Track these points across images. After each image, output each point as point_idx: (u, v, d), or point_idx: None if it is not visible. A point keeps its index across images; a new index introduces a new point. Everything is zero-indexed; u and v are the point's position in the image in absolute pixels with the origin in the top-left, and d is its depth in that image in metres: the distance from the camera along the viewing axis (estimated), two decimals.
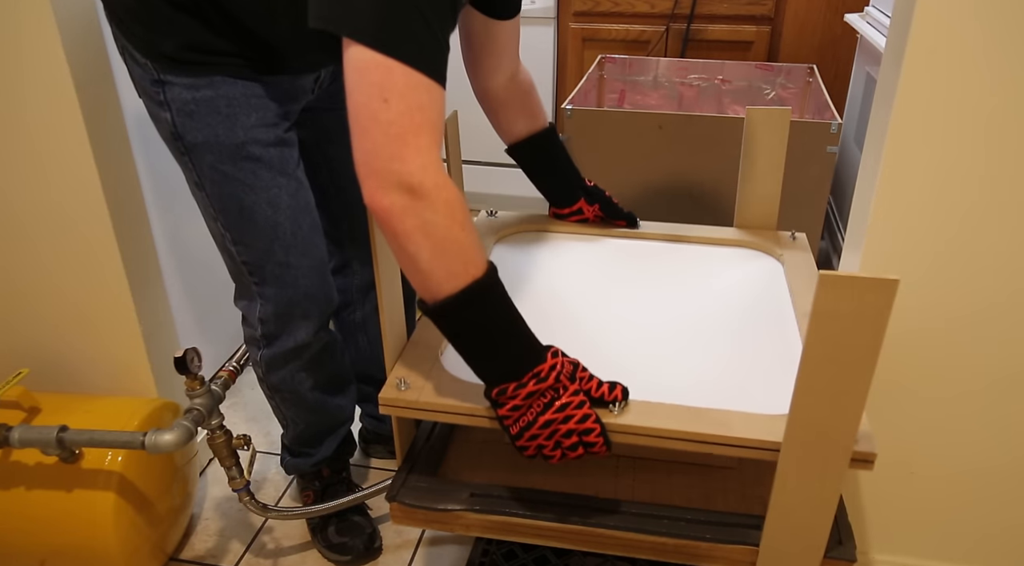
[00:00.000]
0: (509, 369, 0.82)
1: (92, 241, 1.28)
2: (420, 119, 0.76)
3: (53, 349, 1.39)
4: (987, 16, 0.91)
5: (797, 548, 0.85)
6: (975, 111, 0.96)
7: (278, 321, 1.18)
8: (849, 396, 0.74)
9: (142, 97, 1.08)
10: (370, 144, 0.76)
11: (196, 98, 1.02)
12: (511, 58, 1.19)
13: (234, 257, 1.15)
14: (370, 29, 0.76)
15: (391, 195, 0.76)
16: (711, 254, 1.24)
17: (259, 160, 1.07)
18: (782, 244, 1.24)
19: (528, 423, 0.82)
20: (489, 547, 1.24)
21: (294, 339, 1.20)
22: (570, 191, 1.29)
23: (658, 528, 0.88)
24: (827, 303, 0.70)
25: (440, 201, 0.77)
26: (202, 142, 1.05)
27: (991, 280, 1.05)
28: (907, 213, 1.03)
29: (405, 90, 0.76)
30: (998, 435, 1.15)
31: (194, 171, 1.08)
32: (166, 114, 1.04)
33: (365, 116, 0.76)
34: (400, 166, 0.76)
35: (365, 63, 0.76)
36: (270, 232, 1.11)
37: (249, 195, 1.08)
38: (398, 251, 0.80)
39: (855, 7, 2.30)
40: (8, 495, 1.21)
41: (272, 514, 1.33)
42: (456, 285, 0.79)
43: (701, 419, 0.84)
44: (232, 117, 1.04)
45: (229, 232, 1.12)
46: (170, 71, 1.02)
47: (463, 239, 0.79)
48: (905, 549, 1.26)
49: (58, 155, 1.22)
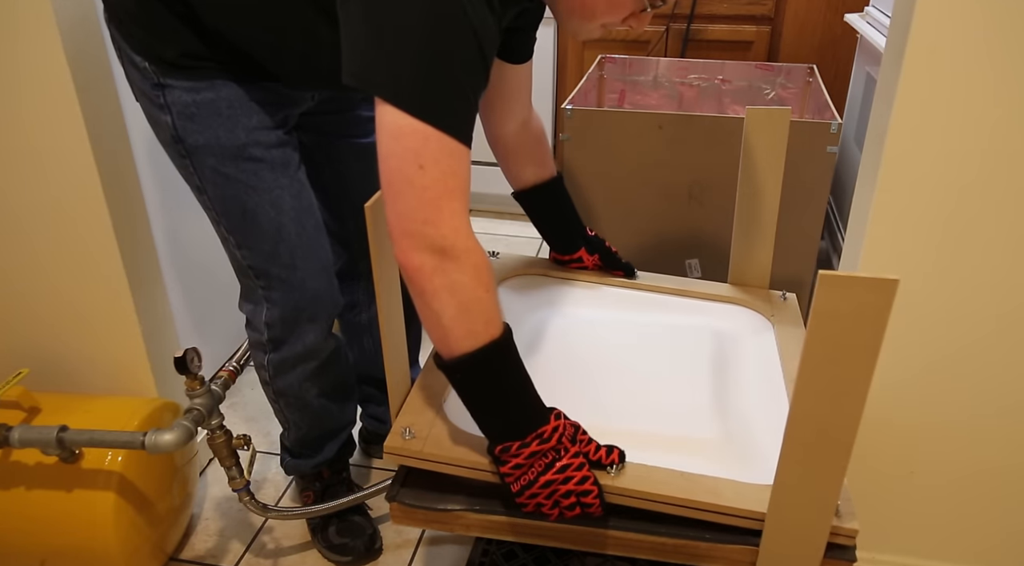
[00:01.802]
0: (514, 428, 0.84)
1: (92, 241, 1.28)
2: (453, 184, 0.79)
3: (53, 349, 1.39)
4: (987, 16, 0.91)
5: (797, 548, 0.85)
6: (975, 111, 0.96)
7: (285, 325, 1.18)
8: (849, 396, 0.74)
9: (140, 100, 1.07)
10: (404, 207, 0.79)
11: (197, 101, 1.02)
12: (523, 103, 1.18)
13: (239, 261, 1.15)
14: (407, 95, 0.77)
15: (422, 255, 0.79)
16: (704, 310, 1.26)
17: (261, 161, 1.07)
18: (773, 304, 1.26)
19: (529, 482, 0.84)
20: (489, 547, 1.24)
21: (303, 343, 1.19)
22: (572, 240, 1.30)
23: (658, 528, 0.88)
24: (827, 303, 0.70)
25: (468, 264, 0.80)
26: (203, 145, 1.04)
27: (991, 279, 1.05)
28: (907, 213, 1.03)
29: (439, 156, 0.78)
30: (998, 435, 1.15)
31: (195, 174, 1.08)
32: (166, 117, 1.04)
33: (400, 180, 0.78)
34: (433, 230, 0.79)
35: (400, 129, 0.77)
36: (274, 234, 1.10)
37: (252, 197, 1.08)
38: (423, 307, 0.82)
39: (855, 7, 2.30)
40: (8, 495, 1.21)
41: (272, 514, 1.33)
42: (474, 344, 0.82)
43: (693, 486, 0.87)
44: (233, 118, 1.04)
45: (233, 235, 1.12)
46: (170, 75, 1.02)
47: (486, 301, 0.82)
48: (905, 549, 1.26)
49: (58, 155, 1.22)
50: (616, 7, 0.89)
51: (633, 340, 1.17)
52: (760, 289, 1.30)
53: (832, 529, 0.84)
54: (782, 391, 1.06)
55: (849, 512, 0.86)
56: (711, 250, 1.75)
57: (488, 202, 2.66)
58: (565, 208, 1.27)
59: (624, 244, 1.77)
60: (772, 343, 1.17)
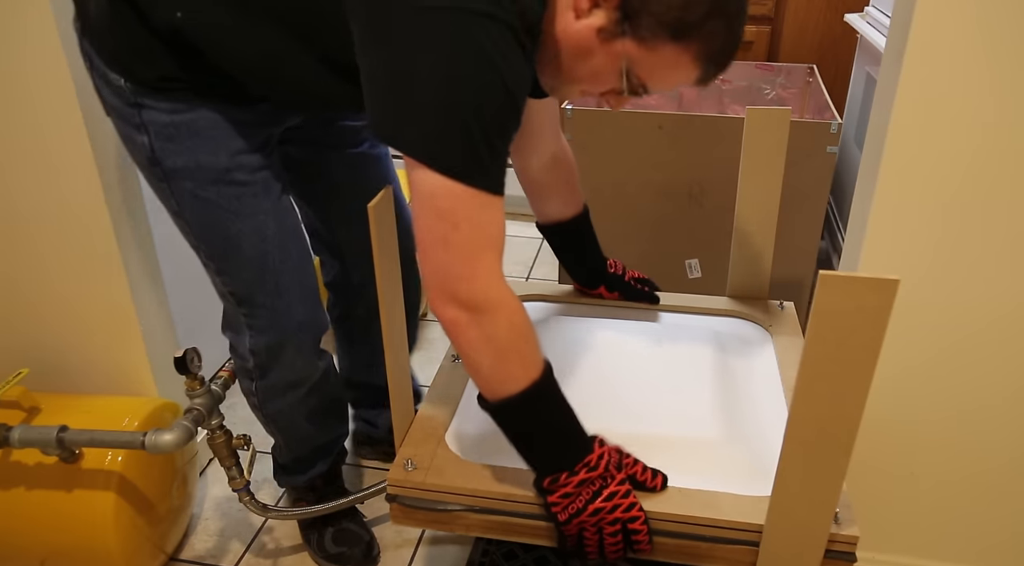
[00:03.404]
0: (562, 460, 0.86)
1: (92, 242, 1.28)
2: (487, 238, 0.81)
3: (53, 349, 1.39)
4: (987, 16, 0.91)
5: (797, 548, 0.85)
6: (975, 111, 0.96)
7: (270, 353, 1.14)
8: (849, 396, 0.74)
9: (112, 118, 1.02)
10: (439, 265, 0.80)
11: (176, 121, 0.97)
12: (549, 138, 1.16)
13: (220, 287, 1.11)
14: (437, 154, 0.77)
15: (457, 311, 0.81)
16: (701, 323, 1.26)
17: (244, 185, 1.02)
18: (771, 314, 1.27)
19: (578, 510, 0.86)
20: (489, 547, 1.24)
21: (291, 369, 1.17)
22: (592, 278, 1.30)
23: (658, 528, 0.88)
24: (827, 303, 0.70)
25: (503, 316, 0.82)
26: (182, 167, 0.99)
27: (991, 279, 1.05)
28: (907, 213, 1.03)
29: (472, 212, 0.79)
30: (999, 435, 1.15)
31: (172, 198, 1.02)
32: (143, 138, 0.98)
33: (435, 240, 0.80)
34: (468, 286, 0.80)
35: (433, 189, 0.78)
36: (258, 261, 1.06)
37: (234, 223, 1.03)
38: (463, 356, 0.84)
39: (855, 7, 2.30)
40: (8, 495, 1.21)
41: (272, 514, 1.33)
42: (515, 388, 0.84)
43: (691, 502, 0.89)
44: (215, 140, 0.99)
45: (213, 262, 1.07)
46: (147, 95, 0.96)
47: (523, 348, 0.84)
48: (905, 549, 1.26)
49: (58, 155, 1.22)
50: (597, 79, 0.86)
51: (631, 353, 1.17)
52: (758, 300, 1.31)
53: (831, 536, 0.84)
54: (781, 400, 1.07)
55: (849, 518, 0.86)
56: (711, 250, 1.75)
57: None
58: (587, 246, 1.26)
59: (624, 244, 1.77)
60: (771, 353, 1.19)
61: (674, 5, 0.77)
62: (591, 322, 1.25)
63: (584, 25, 0.82)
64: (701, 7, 0.78)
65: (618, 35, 0.81)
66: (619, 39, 0.81)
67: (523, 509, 0.92)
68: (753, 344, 1.22)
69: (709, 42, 0.80)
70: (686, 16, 0.78)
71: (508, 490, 0.92)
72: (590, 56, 0.83)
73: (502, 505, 0.92)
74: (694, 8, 0.77)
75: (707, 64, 0.83)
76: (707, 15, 0.78)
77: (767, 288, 1.30)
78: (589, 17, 0.81)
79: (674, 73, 0.83)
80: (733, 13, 0.80)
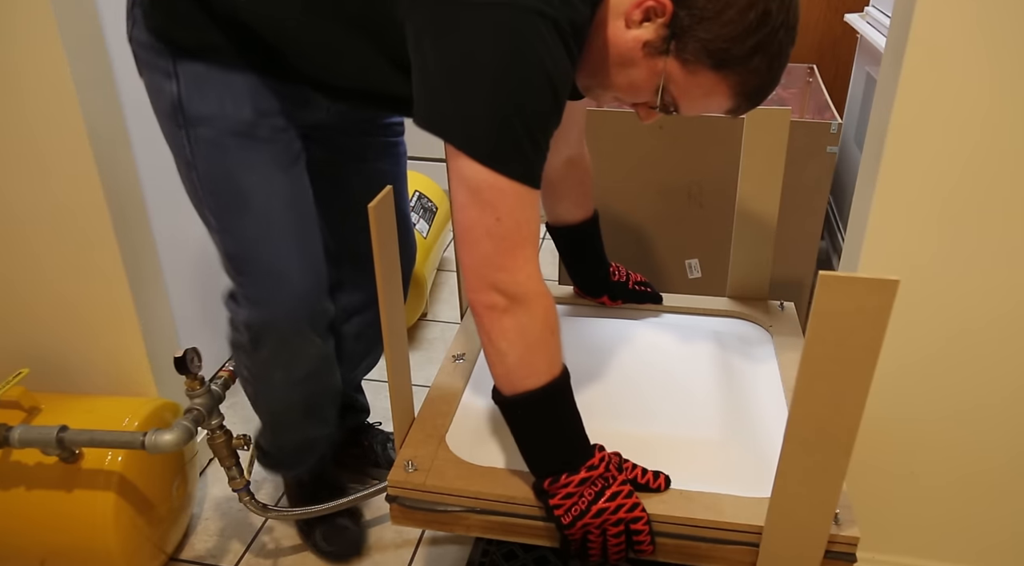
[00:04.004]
0: (566, 461, 0.87)
1: (92, 241, 1.28)
2: (527, 232, 0.82)
3: (53, 349, 1.39)
4: (987, 16, 0.91)
5: (797, 549, 0.85)
6: (975, 111, 0.96)
7: (265, 327, 1.09)
8: (849, 397, 0.74)
9: (144, 71, 1.01)
10: (480, 255, 0.82)
11: (210, 72, 0.97)
12: (571, 140, 1.17)
13: (220, 249, 1.07)
14: (484, 147, 0.78)
15: (494, 297, 0.83)
16: (702, 324, 1.26)
17: (265, 141, 1.01)
18: (771, 315, 1.28)
19: (581, 511, 0.86)
20: (489, 547, 1.24)
21: (286, 349, 1.12)
22: (596, 286, 1.30)
23: (658, 529, 0.88)
24: (827, 303, 0.70)
25: (539, 308, 0.84)
26: (206, 115, 0.98)
27: (991, 279, 1.05)
28: (907, 213, 1.03)
29: (515, 207, 0.81)
30: (1000, 436, 1.15)
31: (187, 147, 1.00)
32: (171, 85, 0.98)
33: (478, 231, 0.81)
34: (508, 276, 0.82)
35: (477, 181, 0.79)
36: (263, 220, 1.03)
37: (247, 176, 1.01)
38: (488, 344, 0.85)
39: (855, 7, 2.30)
40: (8, 495, 1.21)
41: (272, 514, 1.33)
42: (536, 383, 0.85)
43: (692, 504, 0.89)
44: (244, 95, 0.98)
45: (218, 218, 1.04)
46: (185, 56, 0.97)
47: (551, 343, 0.86)
48: (906, 549, 1.26)
49: (58, 154, 1.22)
50: (633, 90, 0.88)
51: (631, 354, 1.17)
52: (758, 300, 1.31)
53: (831, 536, 0.84)
54: (781, 400, 1.07)
55: (849, 519, 0.86)
56: (710, 250, 1.76)
57: None
58: (593, 253, 1.26)
59: (624, 244, 1.77)
60: (771, 354, 1.19)
61: (722, 36, 0.79)
62: (591, 323, 1.25)
63: (632, 36, 0.83)
64: (748, 42, 0.79)
65: (662, 52, 0.82)
66: (662, 56, 0.82)
67: (524, 510, 0.92)
68: (753, 345, 1.22)
69: (749, 78, 0.82)
70: (732, 49, 0.79)
71: (509, 492, 0.92)
72: (631, 67, 0.85)
73: (503, 506, 0.92)
74: (741, 42, 0.79)
75: (742, 98, 0.85)
76: (752, 51, 0.80)
77: (767, 288, 1.30)
78: (639, 29, 0.83)
79: (708, 100, 0.85)
80: (776, 53, 0.82)
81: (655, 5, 0.80)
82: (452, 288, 2.24)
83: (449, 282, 2.27)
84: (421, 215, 2.03)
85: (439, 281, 2.26)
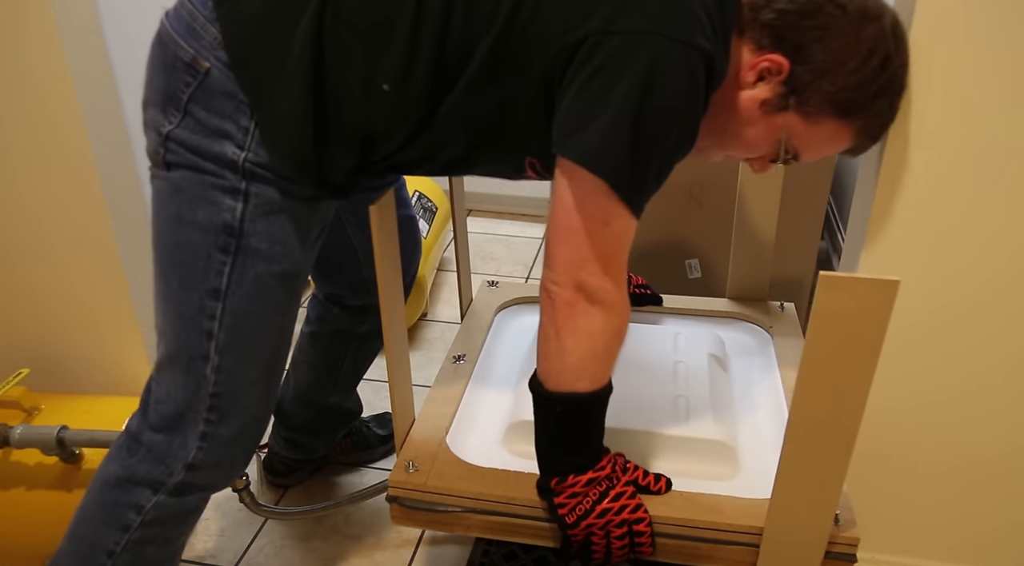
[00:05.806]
0: (579, 463, 0.87)
1: (92, 241, 1.28)
2: (624, 244, 0.83)
3: (53, 349, 1.39)
4: (987, 16, 0.91)
5: (797, 550, 0.85)
6: (975, 110, 0.96)
7: (215, 466, 0.97)
8: (850, 397, 0.74)
9: (178, 168, 0.85)
10: (578, 253, 0.81)
11: (285, 203, 0.86)
12: None
13: (204, 388, 0.92)
14: (622, 178, 0.78)
15: (578, 296, 0.82)
16: (703, 325, 1.27)
17: (297, 278, 0.94)
18: (772, 315, 1.28)
19: (586, 511, 0.86)
20: (489, 547, 1.24)
21: (199, 511, 1.03)
22: None
23: (658, 530, 0.88)
24: (827, 303, 0.70)
25: (616, 318, 0.84)
26: (265, 250, 0.87)
27: (991, 278, 1.05)
28: (907, 213, 1.03)
29: (621, 222, 0.80)
30: (1000, 435, 1.15)
31: (225, 277, 0.87)
32: (234, 203, 0.85)
33: (581, 232, 0.80)
34: (599, 281, 0.82)
35: (595, 190, 0.78)
36: (269, 365, 0.96)
37: (273, 318, 0.93)
38: (554, 338, 0.84)
39: None
40: (9, 495, 1.21)
41: (272, 514, 1.33)
42: (588, 387, 0.85)
43: (693, 505, 0.89)
44: (305, 230, 0.91)
45: (221, 354, 0.91)
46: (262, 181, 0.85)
47: (613, 354, 0.87)
48: (905, 549, 1.26)
49: (58, 155, 1.22)
50: (752, 147, 0.88)
51: (631, 355, 1.16)
52: (758, 301, 1.31)
53: (832, 537, 0.85)
54: (781, 401, 1.07)
55: (849, 520, 0.86)
56: (711, 250, 1.75)
57: (488, 202, 2.66)
58: None
59: None
60: (771, 354, 1.19)
61: (847, 86, 0.79)
62: None
63: (748, 96, 0.83)
64: (872, 87, 0.80)
65: (781, 109, 0.82)
66: (782, 113, 0.83)
67: (524, 511, 0.92)
68: (754, 346, 1.22)
69: (873, 119, 0.83)
70: (858, 97, 0.80)
71: (509, 492, 0.92)
72: (749, 126, 0.85)
73: (503, 507, 0.92)
74: (865, 89, 0.80)
75: (865, 138, 0.86)
76: (876, 95, 0.81)
77: (767, 288, 1.30)
78: (753, 89, 0.83)
79: (831, 145, 0.86)
80: (897, 92, 0.83)
81: (770, 65, 0.80)
82: (452, 288, 2.24)
83: (449, 282, 2.27)
84: (421, 215, 2.03)
85: (439, 281, 2.26)
